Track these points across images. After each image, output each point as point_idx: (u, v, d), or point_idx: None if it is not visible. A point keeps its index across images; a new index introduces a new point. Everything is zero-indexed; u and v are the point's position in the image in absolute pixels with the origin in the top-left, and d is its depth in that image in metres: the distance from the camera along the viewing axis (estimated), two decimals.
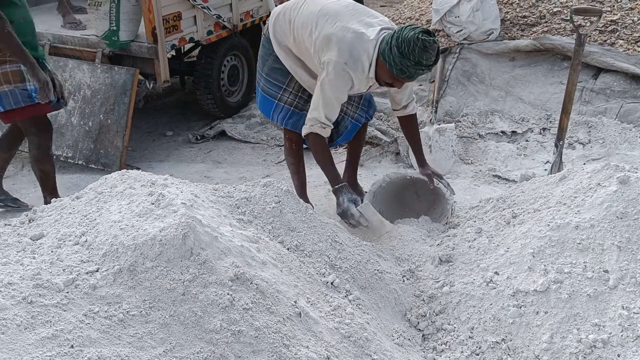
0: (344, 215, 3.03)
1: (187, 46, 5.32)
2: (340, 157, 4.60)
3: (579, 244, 2.43)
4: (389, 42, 2.74)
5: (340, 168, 4.39)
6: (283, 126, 3.35)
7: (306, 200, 3.51)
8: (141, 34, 4.53)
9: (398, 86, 2.98)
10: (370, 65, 2.87)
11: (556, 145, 3.67)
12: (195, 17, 4.76)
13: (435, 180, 3.27)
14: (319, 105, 2.95)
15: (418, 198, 3.49)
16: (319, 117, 2.98)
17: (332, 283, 2.42)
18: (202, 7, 4.75)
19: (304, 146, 3.46)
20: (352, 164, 3.72)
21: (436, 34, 5.26)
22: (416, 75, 2.80)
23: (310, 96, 3.19)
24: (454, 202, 3.26)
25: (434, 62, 2.73)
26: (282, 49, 3.18)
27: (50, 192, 3.68)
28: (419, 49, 2.65)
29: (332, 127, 3.07)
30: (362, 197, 3.35)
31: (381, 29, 2.87)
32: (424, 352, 2.42)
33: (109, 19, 4.39)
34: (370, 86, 3.07)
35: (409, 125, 3.34)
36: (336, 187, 3.07)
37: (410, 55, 2.67)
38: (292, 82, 3.23)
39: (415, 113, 3.34)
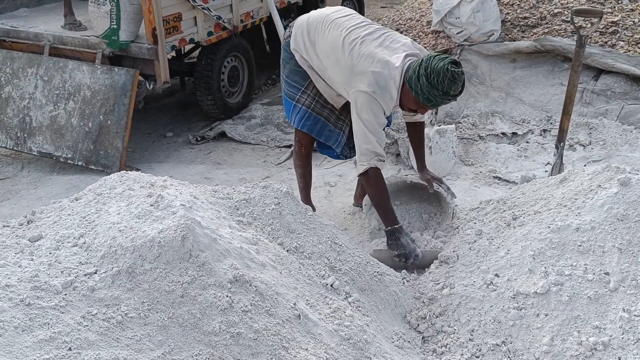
0: (406, 255, 2.94)
1: (188, 47, 5.32)
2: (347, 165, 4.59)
3: (580, 246, 2.42)
4: (417, 70, 2.74)
5: (342, 168, 4.40)
6: (299, 128, 3.34)
7: (309, 202, 3.51)
8: (141, 34, 4.53)
9: (422, 112, 3.01)
10: (397, 92, 2.86)
11: (557, 147, 3.67)
12: (195, 18, 4.77)
13: (435, 184, 3.27)
14: (367, 135, 2.89)
15: (419, 201, 3.48)
16: (373, 148, 2.91)
17: (331, 285, 2.42)
18: (202, 8, 4.75)
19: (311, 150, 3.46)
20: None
21: (436, 35, 5.28)
22: (442, 104, 2.83)
23: (326, 102, 3.22)
24: (455, 205, 3.25)
25: (460, 92, 2.75)
26: (303, 59, 3.18)
27: None
28: (448, 80, 2.67)
29: (385, 155, 3.02)
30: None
31: (406, 56, 2.86)
32: (424, 354, 2.42)
33: (109, 18, 4.38)
34: (396, 108, 3.05)
35: (416, 131, 3.36)
36: (394, 227, 2.98)
37: (439, 85, 2.68)
38: (310, 85, 3.24)
39: (424, 122, 3.36)
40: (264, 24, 5.73)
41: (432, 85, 2.70)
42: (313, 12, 3.25)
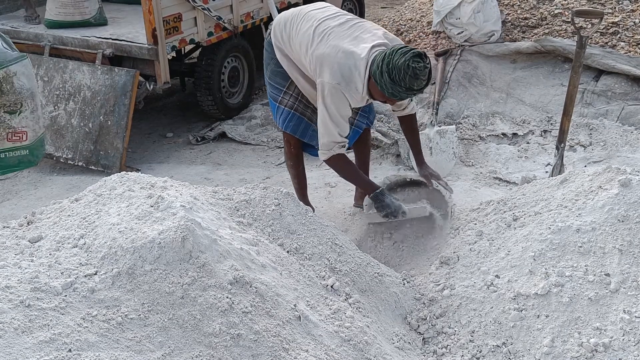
0: (393, 213, 3.08)
1: (188, 47, 5.32)
2: None
3: (580, 247, 2.42)
4: (380, 65, 2.69)
5: None
6: (283, 129, 3.34)
7: (307, 203, 3.50)
8: (141, 35, 4.53)
9: (391, 103, 2.99)
10: (364, 84, 2.84)
11: (557, 148, 3.66)
12: (195, 18, 4.76)
13: (433, 181, 3.27)
14: (328, 126, 2.92)
15: (418, 200, 3.47)
16: (333, 138, 2.96)
17: (332, 286, 2.41)
18: (202, 8, 4.75)
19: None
20: (363, 170, 3.67)
21: (437, 36, 5.28)
22: (408, 97, 2.82)
23: (309, 101, 3.21)
24: (454, 204, 3.25)
25: (425, 86, 2.72)
26: (283, 56, 3.18)
27: None
28: (409, 77, 2.63)
29: (347, 140, 3.05)
30: None
31: (372, 47, 2.81)
32: (424, 355, 2.41)
33: None
34: (367, 99, 3.04)
35: (408, 124, 3.34)
36: (377, 192, 3.08)
37: (401, 82, 2.65)
38: (292, 86, 3.23)
39: (415, 113, 3.33)
40: (265, 24, 5.72)
41: (394, 82, 2.66)
42: (290, 10, 3.25)
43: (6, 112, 3.33)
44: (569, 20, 4.78)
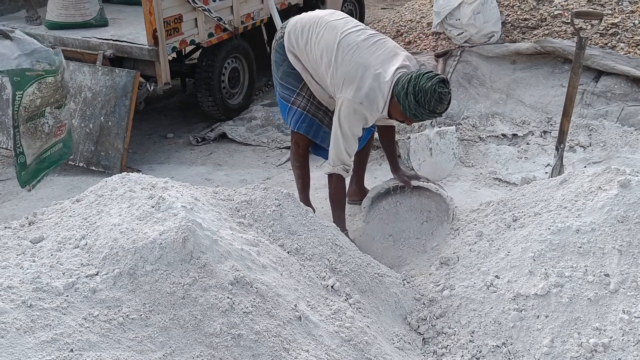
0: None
1: (188, 48, 5.33)
2: None
3: (580, 247, 2.42)
4: (405, 87, 2.80)
5: None
6: (295, 130, 3.37)
7: (308, 203, 3.52)
8: (142, 36, 4.54)
9: (408, 124, 3.12)
10: (385, 104, 2.93)
11: (557, 148, 3.67)
12: (196, 19, 4.77)
13: (416, 181, 3.36)
14: (338, 143, 3.02)
15: (418, 204, 3.48)
16: (342, 158, 3.06)
17: (332, 286, 2.42)
18: (203, 9, 4.76)
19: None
20: (361, 168, 3.76)
21: (437, 37, 5.29)
22: (428, 119, 2.96)
23: (320, 103, 3.26)
24: (455, 207, 3.26)
25: (445, 110, 2.85)
26: (297, 60, 3.22)
27: None
28: (435, 101, 2.75)
29: (352, 166, 3.16)
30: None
31: (397, 69, 2.92)
32: (424, 355, 2.42)
33: None
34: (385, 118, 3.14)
35: (387, 134, 3.48)
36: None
37: (425, 105, 2.76)
38: (305, 87, 3.28)
39: (394, 125, 3.45)
40: (265, 25, 5.73)
41: (419, 104, 2.77)
42: (305, 14, 3.29)
43: (56, 107, 3.43)
44: (569, 21, 4.79)
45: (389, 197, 3.44)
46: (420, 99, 2.75)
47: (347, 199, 3.86)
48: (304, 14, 3.29)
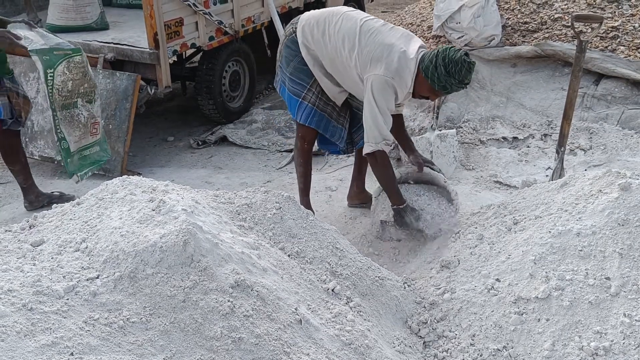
0: (408, 226, 3.29)
1: (189, 52, 5.34)
2: (345, 162, 4.60)
3: (581, 250, 2.42)
4: (434, 60, 2.95)
5: (343, 172, 4.40)
6: (307, 124, 3.41)
7: (308, 203, 3.53)
8: (143, 40, 4.55)
9: (432, 99, 3.24)
10: (412, 80, 3.07)
11: (557, 152, 3.67)
12: (197, 23, 4.78)
13: (425, 167, 3.42)
14: (378, 119, 3.07)
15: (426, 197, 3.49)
16: (383, 133, 3.10)
17: (332, 290, 2.42)
18: (203, 13, 4.77)
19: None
20: (361, 170, 3.79)
21: (437, 40, 5.29)
22: (455, 91, 3.05)
23: (329, 99, 3.34)
24: (459, 202, 3.31)
25: (469, 81, 3.02)
26: (309, 54, 3.28)
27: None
28: (465, 70, 2.92)
29: (392, 138, 3.21)
30: (370, 203, 3.56)
31: (419, 47, 3.09)
32: (425, 359, 2.42)
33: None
34: (409, 96, 3.23)
35: (397, 121, 3.45)
36: (400, 207, 3.27)
37: (456, 74, 2.92)
38: (315, 83, 3.34)
39: (402, 113, 3.51)
40: (265, 28, 5.74)
41: (449, 74, 2.92)
42: (316, 10, 3.40)
43: (87, 101, 3.50)
44: (569, 24, 4.79)
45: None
46: (451, 69, 2.90)
47: (347, 202, 3.88)
48: (313, 11, 3.39)
